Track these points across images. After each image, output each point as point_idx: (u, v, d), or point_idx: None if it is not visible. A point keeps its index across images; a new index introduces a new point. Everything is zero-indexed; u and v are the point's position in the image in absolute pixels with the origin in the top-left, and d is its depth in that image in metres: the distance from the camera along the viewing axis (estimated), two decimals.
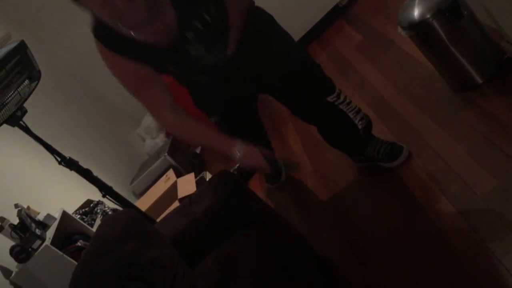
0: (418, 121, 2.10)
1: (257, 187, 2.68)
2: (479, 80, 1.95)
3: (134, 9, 1.28)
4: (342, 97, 1.93)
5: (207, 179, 2.86)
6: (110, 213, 2.76)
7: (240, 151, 1.55)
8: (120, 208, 2.31)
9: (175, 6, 1.44)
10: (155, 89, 1.55)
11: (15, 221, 2.23)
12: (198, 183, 2.99)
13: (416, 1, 1.93)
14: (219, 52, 1.64)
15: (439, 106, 2.09)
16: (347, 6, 3.72)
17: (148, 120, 4.28)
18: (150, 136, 4.28)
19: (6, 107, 1.88)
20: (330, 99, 1.90)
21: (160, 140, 4.19)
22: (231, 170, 2.66)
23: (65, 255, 2.18)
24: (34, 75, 2.12)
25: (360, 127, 1.97)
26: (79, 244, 2.36)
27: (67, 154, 2.15)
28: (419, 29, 1.89)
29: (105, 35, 1.45)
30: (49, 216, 2.44)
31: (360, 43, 3.17)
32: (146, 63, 1.50)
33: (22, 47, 2.06)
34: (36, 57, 2.20)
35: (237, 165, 2.70)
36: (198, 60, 1.63)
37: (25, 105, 2.06)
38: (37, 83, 2.15)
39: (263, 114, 2.33)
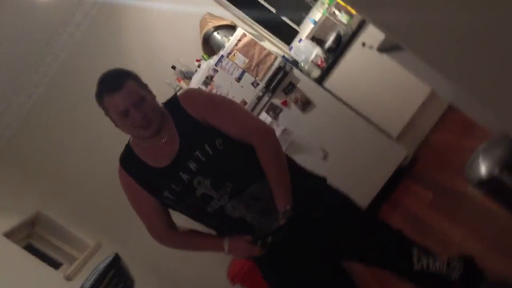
0: None
1: None
2: None
3: (146, 124, 1.65)
4: (424, 261, 1.90)
5: None
6: None
7: (228, 246, 1.78)
8: None
9: (179, 133, 1.71)
10: (151, 211, 1.80)
11: None
12: None
13: (480, 158, 1.98)
14: (264, 211, 1.74)
15: None
16: (410, 166, 3.80)
17: None
18: None
19: None
20: (415, 268, 1.88)
21: None
22: None
23: None
24: (128, 284, 2.26)
25: (455, 279, 1.93)
26: None
27: None
28: (490, 186, 1.91)
29: (128, 161, 1.78)
30: None
31: (432, 200, 3.17)
32: (148, 188, 1.76)
33: (116, 260, 2.24)
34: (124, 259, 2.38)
35: None
36: (239, 220, 1.74)
37: None
38: None
39: None
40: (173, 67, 4.07)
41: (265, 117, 3.71)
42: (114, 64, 1.95)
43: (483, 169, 1.93)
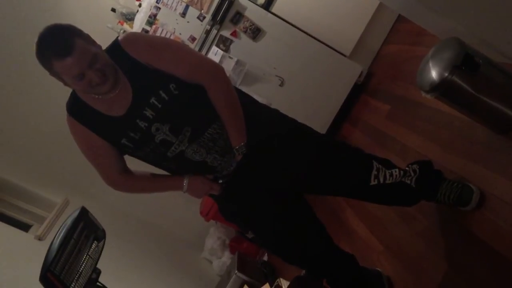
0: (473, 173, 2.08)
1: None
2: None
3: (104, 81, 1.56)
4: (381, 175, 1.94)
5: (283, 287, 2.84)
6: None
7: (187, 184, 1.79)
8: None
9: (131, 81, 1.65)
10: (104, 157, 1.77)
11: None
12: None
13: (430, 64, 1.99)
14: (223, 151, 1.73)
15: (488, 153, 2.07)
16: (366, 81, 3.82)
17: (211, 242, 4.34)
18: (216, 256, 4.32)
19: (82, 274, 1.98)
20: (372, 183, 1.93)
21: (227, 258, 4.21)
22: (302, 274, 2.66)
23: None
24: (99, 235, 2.24)
25: (410, 183, 2.02)
26: None
27: None
28: (442, 89, 1.92)
29: (76, 109, 1.70)
30: None
31: (389, 112, 3.22)
32: (103, 135, 1.71)
33: (84, 212, 2.20)
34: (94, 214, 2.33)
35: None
36: (200, 163, 1.73)
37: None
38: (104, 241, 2.27)
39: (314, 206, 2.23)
40: (113, 10, 3.86)
41: (216, 50, 3.61)
42: (47, 17, 1.81)
43: (434, 73, 1.94)
